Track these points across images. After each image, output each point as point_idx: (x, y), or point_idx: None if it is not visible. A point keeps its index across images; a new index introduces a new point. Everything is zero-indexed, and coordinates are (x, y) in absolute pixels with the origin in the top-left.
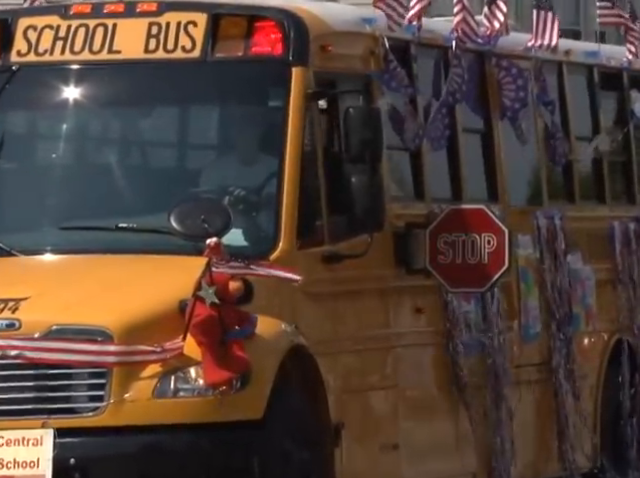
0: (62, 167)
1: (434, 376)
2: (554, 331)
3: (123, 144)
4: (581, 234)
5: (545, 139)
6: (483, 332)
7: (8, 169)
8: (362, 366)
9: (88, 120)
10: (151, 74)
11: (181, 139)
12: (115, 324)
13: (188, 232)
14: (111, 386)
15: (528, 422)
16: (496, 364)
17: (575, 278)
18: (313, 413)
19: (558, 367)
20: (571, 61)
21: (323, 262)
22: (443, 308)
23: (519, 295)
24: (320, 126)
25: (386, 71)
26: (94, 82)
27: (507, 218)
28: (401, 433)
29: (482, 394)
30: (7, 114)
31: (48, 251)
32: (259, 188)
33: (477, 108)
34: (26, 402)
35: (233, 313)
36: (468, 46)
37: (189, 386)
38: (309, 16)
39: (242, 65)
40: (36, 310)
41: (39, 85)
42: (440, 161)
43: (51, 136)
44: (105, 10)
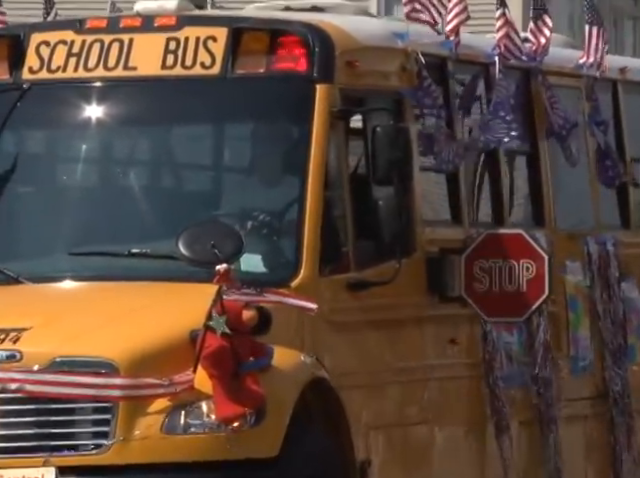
0: (73, 190)
1: (470, 411)
2: (608, 363)
3: (138, 166)
4: (637, 261)
5: (597, 161)
6: (527, 364)
7: (17, 192)
8: (391, 401)
9: (102, 141)
10: (168, 92)
11: (199, 161)
12: (121, 356)
13: (197, 258)
14: (117, 422)
15: (578, 461)
16: (543, 399)
17: (630, 307)
18: (336, 451)
19: (613, 402)
20: (627, 79)
21: (348, 290)
22: (482, 339)
23: (567, 325)
24: (346, 146)
25: (419, 88)
26: (109, 100)
27: (554, 243)
28: (434, 472)
29: (526, 431)
30: (17, 134)
31: (57, 278)
32: (280, 211)
33: (522, 127)
34: (27, 439)
35: (247, 344)
36: (512, 63)
37: (200, 422)
38: (335, 30)
39: (264, 82)
40: (38, 341)
41: (51, 104)
42: (480, 183)
43: (63, 158)
44: (121, 25)
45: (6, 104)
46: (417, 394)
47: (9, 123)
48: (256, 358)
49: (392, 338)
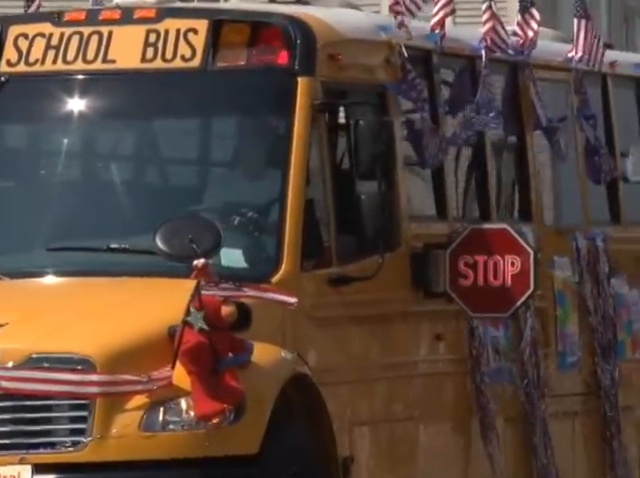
0: (51, 185)
1: (456, 407)
2: (598, 359)
3: (116, 160)
4: (627, 256)
5: (586, 155)
6: (514, 360)
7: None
8: (375, 397)
9: (81, 135)
10: (148, 85)
11: (178, 154)
12: (98, 352)
13: (175, 252)
14: (94, 419)
15: (568, 457)
16: (530, 395)
17: (620, 303)
18: (318, 447)
19: (604, 397)
20: (617, 73)
21: (330, 285)
22: (468, 334)
23: (555, 321)
24: (328, 140)
25: (403, 81)
26: (88, 94)
27: (541, 239)
28: (418, 467)
29: (513, 427)
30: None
31: (34, 274)
32: (261, 206)
33: (509, 122)
34: (2, 436)
35: (226, 339)
36: (498, 56)
37: (178, 419)
38: (317, 23)
39: (245, 75)
40: (14, 337)
41: (29, 97)
42: (466, 178)
43: (41, 152)
44: (100, 17)
45: None
46: (402, 390)
47: None
48: (235, 354)
49: (376, 334)
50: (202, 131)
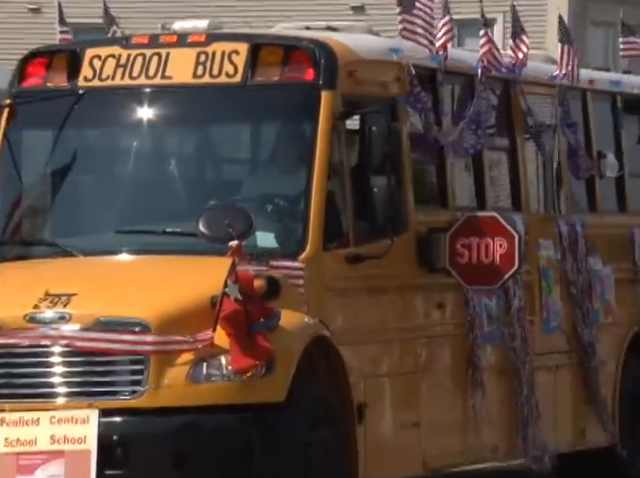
0: (119, 179)
1: (453, 363)
2: (576, 323)
3: (171, 159)
4: (601, 239)
5: (568, 156)
6: (504, 324)
7: (73, 180)
8: (385, 354)
9: (143, 137)
10: (198, 97)
11: (222, 154)
12: (152, 317)
13: (214, 235)
14: (149, 372)
15: (547, 403)
16: (516, 352)
17: (595, 277)
18: (336, 396)
19: (582, 355)
20: (595, 89)
21: (347, 262)
22: (464, 303)
23: (540, 292)
24: (347, 142)
25: (410, 94)
26: (149, 104)
27: (529, 224)
28: (422, 412)
29: (503, 380)
30: (73, 132)
31: (103, 252)
32: (290, 197)
33: (502, 128)
34: (75, 385)
35: (258, 307)
36: (494, 74)
37: (218, 372)
38: (338, 46)
39: (278, 89)
40: (84, 304)
41: (102, 107)
42: (466, 175)
43: (111, 152)
44: (160, 41)
45: (64, 107)
46: (408, 349)
47: (67, 123)
48: (266, 319)
49: (386, 303)
50: (242, 135)
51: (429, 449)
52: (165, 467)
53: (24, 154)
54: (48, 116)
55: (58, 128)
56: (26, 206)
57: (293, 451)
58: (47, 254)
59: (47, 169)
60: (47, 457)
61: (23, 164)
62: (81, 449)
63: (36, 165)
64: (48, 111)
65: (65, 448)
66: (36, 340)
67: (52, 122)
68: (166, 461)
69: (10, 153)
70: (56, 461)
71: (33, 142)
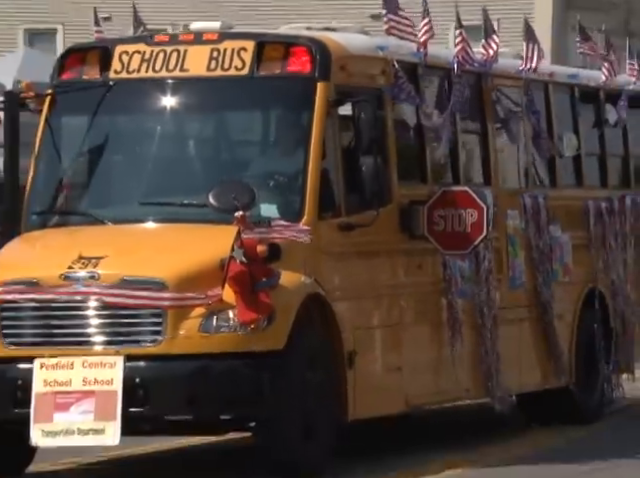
0: (143, 158)
1: (431, 315)
2: (538, 282)
3: (189, 140)
4: (561, 210)
5: (532, 138)
6: (476, 283)
7: (104, 159)
8: (372, 309)
9: (164, 122)
10: (211, 87)
11: (233, 137)
12: (170, 276)
13: (222, 207)
14: (166, 324)
15: (512, 350)
16: (483, 306)
17: (555, 243)
18: (329, 345)
19: (542, 309)
20: (555, 81)
21: (340, 230)
22: (442, 265)
23: (508, 255)
24: (339, 126)
25: (395, 85)
26: (169, 93)
27: (498, 198)
28: (404, 358)
29: (475, 331)
30: (105, 118)
31: (130, 221)
32: (290, 173)
33: (475, 114)
34: (104, 335)
35: (261, 269)
36: (468, 68)
37: (227, 324)
38: (332, 43)
39: (280, 80)
40: (112, 265)
41: (129, 96)
42: (443, 154)
43: (137, 134)
44: (179, 39)
45: (97, 96)
46: (392, 304)
47: (99, 110)
48: (267, 279)
49: (373, 265)
50: (248, 121)
51: (410, 389)
52: (180, 405)
53: (62, 137)
54: (83, 104)
55: (91, 114)
56: (64, 181)
57: (291, 391)
58: (82, 222)
59: (82, 150)
60: (80, 396)
61: (61, 145)
62: (109, 390)
63: (72, 146)
64: (83, 100)
65: (95, 389)
66: (70, 296)
67: (86, 109)
68: (181, 400)
69: (51, 136)
70: (87, 400)
71: (70, 126)
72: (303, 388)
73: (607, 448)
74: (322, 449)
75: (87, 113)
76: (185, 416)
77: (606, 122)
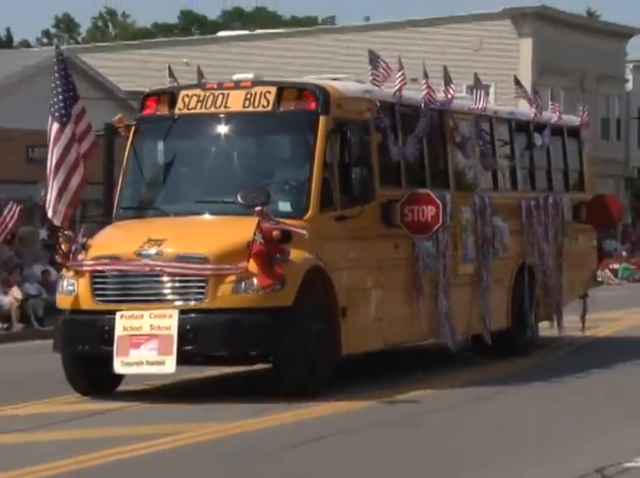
0: (198, 170)
1: (404, 280)
2: (482, 257)
3: (230, 157)
4: (502, 207)
5: (480, 156)
6: (436, 258)
7: (169, 171)
8: (360, 276)
9: (212, 144)
10: (246, 119)
11: (260, 154)
12: (211, 253)
13: (247, 204)
14: (209, 287)
15: (463, 305)
16: (440, 273)
17: (497, 230)
18: (328, 303)
19: (483, 275)
20: (498, 116)
21: (336, 220)
22: (412, 245)
23: (461, 239)
24: (337, 147)
25: (377, 119)
26: (217, 123)
27: (454, 198)
28: (384, 311)
29: (432, 290)
30: (172, 142)
31: (188, 214)
32: (300, 180)
33: (437, 139)
34: (164, 295)
35: (276, 248)
36: (432, 106)
37: (252, 287)
38: (331, 88)
39: (294, 114)
40: (171, 245)
41: (189, 126)
42: (414, 167)
43: (194, 153)
44: (224, 85)
45: (167, 126)
46: (375, 273)
47: (168, 136)
48: (281, 255)
49: (360, 245)
50: (272, 142)
51: (388, 333)
52: (218, 344)
53: (142, 156)
54: (157, 132)
55: (162, 139)
56: (142, 186)
57: (298, 334)
58: (153, 215)
59: (155, 164)
60: (148, 338)
61: (141, 161)
62: (168, 333)
63: (149, 162)
64: (157, 129)
65: (158, 333)
66: (140, 267)
67: (159, 136)
68: (218, 341)
69: (135, 155)
70: (153, 340)
71: (147, 148)
72: (308, 333)
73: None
74: (322, 377)
75: (159, 139)
76: (222, 352)
77: (534, 145)
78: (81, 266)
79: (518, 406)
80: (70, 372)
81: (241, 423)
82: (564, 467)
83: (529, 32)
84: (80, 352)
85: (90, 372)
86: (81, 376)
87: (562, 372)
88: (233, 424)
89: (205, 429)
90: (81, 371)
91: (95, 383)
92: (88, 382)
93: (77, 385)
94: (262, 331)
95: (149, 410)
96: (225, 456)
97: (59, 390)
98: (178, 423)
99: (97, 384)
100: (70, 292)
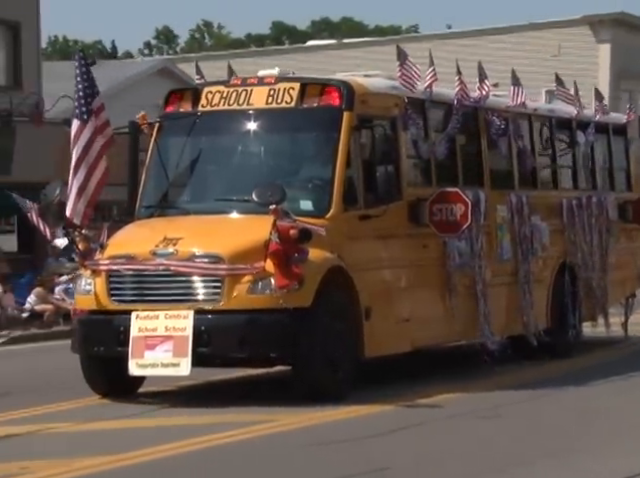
0: (218, 168)
1: (434, 280)
2: (520, 256)
3: (254, 154)
4: (541, 205)
5: (518, 154)
6: (470, 257)
7: (191, 168)
8: (386, 276)
9: (235, 140)
10: (269, 115)
11: (283, 150)
12: (227, 253)
13: (262, 202)
14: (224, 287)
15: (500, 305)
16: (477, 274)
17: (535, 229)
18: (349, 304)
19: (521, 276)
20: (538, 114)
21: (359, 219)
22: (443, 244)
23: (496, 237)
24: (360, 144)
25: (405, 115)
26: (240, 120)
27: (488, 197)
28: (411, 312)
29: (467, 290)
30: (195, 139)
31: (207, 212)
32: (323, 178)
33: (473, 133)
34: (180, 295)
35: (293, 248)
36: (466, 103)
37: (269, 287)
38: (356, 84)
39: (318, 110)
40: (186, 245)
41: (213, 122)
42: (446, 165)
43: (216, 150)
44: (248, 82)
45: (191, 123)
46: (401, 273)
47: (192, 134)
48: (299, 255)
49: (387, 245)
50: (295, 138)
51: (416, 334)
52: (233, 346)
53: (165, 153)
54: (180, 129)
55: (186, 137)
56: (165, 184)
57: (317, 336)
58: (174, 214)
59: (177, 162)
60: (163, 339)
61: (163, 159)
62: (183, 335)
63: (171, 160)
64: (180, 126)
65: (174, 334)
66: (155, 267)
67: (182, 133)
68: (234, 342)
69: (158, 152)
70: (168, 342)
71: (171, 146)
72: (327, 334)
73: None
74: (344, 378)
75: (182, 136)
76: (237, 354)
77: (577, 144)
78: (97, 265)
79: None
80: (88, 373)
81: (332, 412)
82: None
83: (607, 38)
84: (96, 353)
85: (108, 373)
86: (99, 377)
87: (607, 373)
88: (323, 413)
89: (296, 417)
90: (99, 372)
91: (114, 384)
92: (107, 383)
93: (96, 386)
94: (279, 332)
95: (239, 398)
96: (314, 443)
97: None
98: (271, 412)
99: (116, 385)
100: (87, 291)
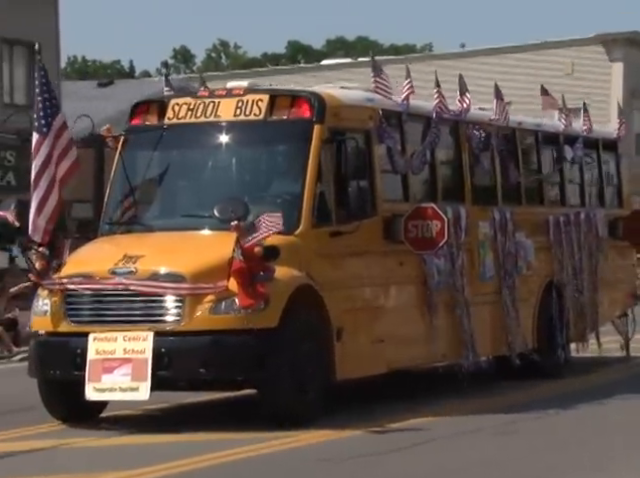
0: (183, 183)
1: (410, 300)
2: (504, 274)
3: (221, 169)
4: (525, 222)
5: (501, 167)
6: (450, 275)
7: (156, 183)
8: (357, 296)
9: (202, 154)
10: (237, 128)
11: (250, 165)
12: (188, 271)
13: (223, 218)
14: (185, 307)
15: (483, 324)
16: (459, 293)
17: (520, 246)
18: (320, 323)
19: (505, 294)
20: (522, 128)
21: (330, 236)
22: (422, 261)
23: (479, 256)
24: (331, 158)
25: (379, 128)
26: (206, 133)
27: (470, 212)
28: (386, 332)
29: (450, 311)
30: (162, 152)
31: (170, 229)
32: (292, 193)
33: (451, 148)
34: (139, 316)
35: (258, 265)
36: (445, 116)
37: (232, 307)
38: (327, 96)
39: (287, 123)
40: (147, 263)
41: (179, 136)
42: (424, 180)
43: (182, 164)
44: (216, 93)
45: (155, 137)
46: (375, 292)
47: (158, 147)
48: (264, 273)
49: (360, 263)
50: (264, 152)
51: (392, 356)
52: (196, 369)
53: (129, 168)
54: (145, 142)
55: (151, 150)
56: (127, 200)
57: (284, 357)
58: (138, 230)
59: (142, 176)
60: (121, 362)
61: (128, 174)
62: (142, 357)
63: (137, 173)
64: (145, 139)
65: (132, 356)
66: (114, 286)
67: (148, 146)
68: (197, 365)
69: (122, 166)
70: (126, 365)
71: (135, 160)
72: (295, 355)
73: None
74: (313, 402)
75: (147, 150)
76: (199, 377)
77: (564, 158)
78: (53, 285)
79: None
80: (45, 397)
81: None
82: None
83: (620, 57)
84: (53, 377)
85: (67, 398)
86: (57, 402)
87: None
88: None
89: (315, 433)
90: (57, 397)
91: (73, 409)
92: (66, 408)
93: (54, 411)
94: (244, 354)
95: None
96: (333, 460)
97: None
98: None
99: (76, 410)
100: (44, 312)
